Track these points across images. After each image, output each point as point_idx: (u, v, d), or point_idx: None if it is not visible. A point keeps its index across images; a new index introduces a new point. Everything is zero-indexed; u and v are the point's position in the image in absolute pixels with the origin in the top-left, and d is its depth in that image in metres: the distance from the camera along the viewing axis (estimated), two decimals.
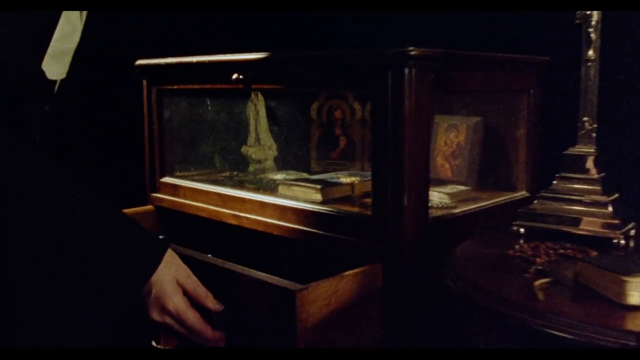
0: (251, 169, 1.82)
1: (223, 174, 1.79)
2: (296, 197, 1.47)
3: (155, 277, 1.07)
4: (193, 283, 1.12)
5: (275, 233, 1.43)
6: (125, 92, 1.78)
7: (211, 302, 1.12)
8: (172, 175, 1.72)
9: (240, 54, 1.43)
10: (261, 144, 1.82)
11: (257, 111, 1.80)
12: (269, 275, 1.16)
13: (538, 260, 0.97)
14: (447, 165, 1.62)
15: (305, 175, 1.69)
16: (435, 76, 1.23)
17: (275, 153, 1.83)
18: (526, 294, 0.85)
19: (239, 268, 1.20)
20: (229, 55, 1.45)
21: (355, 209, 1.39)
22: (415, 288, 1.22)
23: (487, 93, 1.50)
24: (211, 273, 1.19)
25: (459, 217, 1.34)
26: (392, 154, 1.20)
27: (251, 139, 1.82)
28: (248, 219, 1.48)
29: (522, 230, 1.13)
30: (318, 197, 1.44)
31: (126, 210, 1.66)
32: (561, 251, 1.02)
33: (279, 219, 1.42)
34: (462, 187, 1.50)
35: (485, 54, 1.35)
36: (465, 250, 1.09)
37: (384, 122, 1.20)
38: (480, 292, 0.86)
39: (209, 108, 1.75)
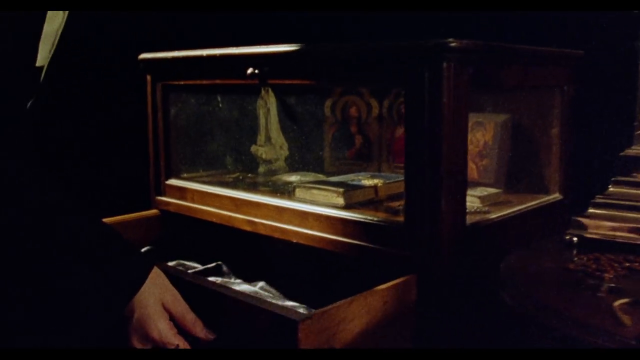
0: (261, 169, 1.71)
1: (232, 176, 1.68)
2: (315, 201, 1.36)
3: (139, 299, 0.97)
4: (181, 307, 1.02)
5: (294, 240, 1.32)
6: (127, 88, 1.67)
7: (201, 330, 1.03)
8: (178, 177, 1.61)
9: (256, 47, 1.32)
10: (272, 143, 1.70)
11: (267, 108, 1.69)
12: (266, 301, 1.05)
13: (606, 275, 0.87)
14: (474, 166, 1.51)
15: (321, 176, 1.59)
16: (473, 71, 1.13)
17: (287, 153, 1.72)
18: (603, 315, 0.75)
19: (231, 291, 1.09)
20: (244, 48, 1.34)
21: (383, 214, 1.28)
22: (454, 302, 1.12)
23: (517, 89, 1.40)
24: (200, 296, 1.08)
25: (495, 223, 1.24)
26: (428, 155, 1.10)
27: (261, 137, 1.71)
28: (264, 225, 1.37)
29: (575, 239, 1.04)
30: (340, 201, 1.33)
31: (129, 215, 1.56)
32: (627, 264, 0.92)
33: (298, 225, 1.32)
34: (493, 190, 1.40)
35: (526, 47, 1.25)
36: (518, 262, 0.99)
37: (419, 121, 1.10)
38: (551, 314, 0.76)
39: (220, 105, 1.63)
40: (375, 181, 1.42)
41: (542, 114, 1.45)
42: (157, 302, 0.99)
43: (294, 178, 1.55)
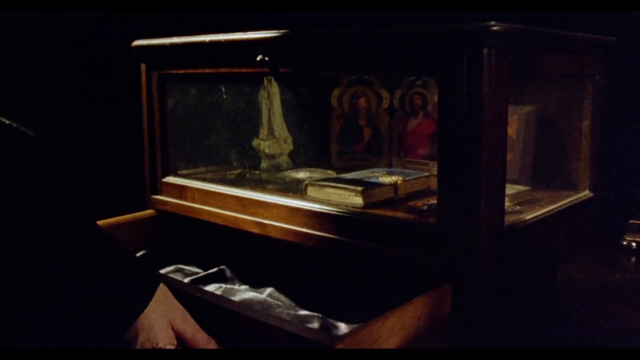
0: (263, 165, 1.60)
1: (234, 172, 1.56)
2: (329, 201, 1.25)
3: (143, 320, 0.86)
4: (191, 328, 0.91)
5: (309, 244, 1.21)
6: (120, 78, 1.54)
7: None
8: (176, 174, 1.49)
9: (266, 32, 1.20)
10: (275, 136, 1.59)
11: (270, 99, 1.57)
12: (288, 322, 0.93)
13: None
14: None
15: (330, 173, 1.47)
16: (513, 58, 1.02)
17: (291, 147, 1.60)
18: None
19: (252, 312, 0.96)
20: (252, 33, 1.22)
21: (407, 215, 1.17)
22: (494, 314, 1.02)
23: (552, 78, 1.30)
24: (215, 316, 0.96)
25: (533, 223, 1.14)
26: (466, 149, 0.99)
27: (263, 131, 1.59)
28: (274, 227, 1.26)
29: (633, 244, 0.93)
30: (358, 200, 1.22)
31: (123, 217, 1.43)
32: None
33: (313, 228, 1.20)
34: (522, 187, 1.30)
35: (564, 33, 1.15)
36: (578, 273, 0.88)
37: (455, 112, 0.99)
38: None
39: (224, 96, 1.51)
40: (394, 178, 1.31)
41: (570, 105, 1.34)
42: (165, 324, 0.88)
43: (302, 175, 1.44)
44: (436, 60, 1.00)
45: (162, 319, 0.87)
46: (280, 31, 1.16)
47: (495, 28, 0.96)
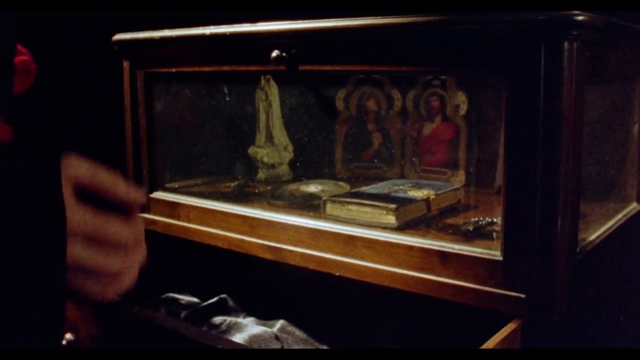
0: (261, 175, 1.41)
1: (231, 184, 1.37)
2: (353, 220, 1.07)
3: None
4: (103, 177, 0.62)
5: (337, 274, 1.03)
6: (100, 77, 1.33)
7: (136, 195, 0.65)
8: (165, 188, 1.29)
9: (285, 22, 1.02)
10: (274, 143, 1.40)
11: (268, 102, 1.39)
12: None
13: None
14: None
15: (343, 185, 1.30)
16: (589, 54, 0.86)
17: (292, 155, 1.42)
18: None
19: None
20: (265, 24, 1.04)
21: (454, 237, 1.01)
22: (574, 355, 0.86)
23: (616, 77, 1.15)
24: None
25: (597, 245, 0.99)
26: (543, 165, 0.83)
27: (261, 137, 1.41)
28: (292, 252, 1.07)
29: None
30: (391, 220, 1.05)
31: None
32: None
33: (341, 254, 1.03)
34: None
35: (635, 26, 1.00)
36: None
37: (529, 118, 0.83)
38: None
39: (227, 98, 1.32)
40: (425, 192, 1.14)
41: (617, 107, 1.20)
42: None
43: (313, 189, 1.26)
44: (505, 56, 0.84)
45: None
46: (306, 22, 0.98)
47: (580, 18, 0.80)
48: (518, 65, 0.83)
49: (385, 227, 1.04)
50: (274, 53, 1.02)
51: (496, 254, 0.88)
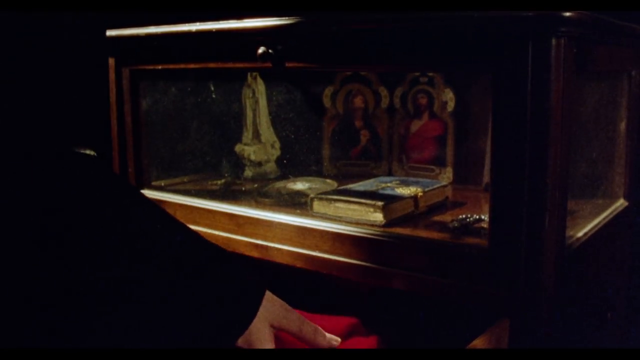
0: (248, 173, 1.40)
1: (217, 182, 1.36)
2: (339, 218, 1.07)
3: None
4: (295, 321, 0.82)
5: (324, 272, 1.02)
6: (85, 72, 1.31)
7: (323, 339, 0.85)
8: (151, 186, 1.28)
9: (270, 19, 1.01)
10: (262, 141, 1.40)
11: (255, 99, 1.38)
12: None
13: None
14: None
15: (330, 182, 1.29)
16: (577, 50, 0.86)
17: (279, 152, 1.42)
18: None
19: None
20: (252, 20, 1.03)
21: (441, 235, 1.00)
22: (563, 356, 0.86)
23: (601, 74, 1.15)
24: None
25: (585, 242, 0.99)
26: (530, 162, 0.83)
27: (248, 134, 1.40)
28: (280, 250, 1.07)
29: None
30: (378, 217, 1.05)
31: None
32: None
33: (329, 251, 1.02)
34: None
35: (622, 23, 1.00)
36: None
37: (518, 114, 0.83)
38: None
39: (213, 95, 1.31)
40: (412, 189, 1.14)
41: (603, 104, 1.20)
42: (266, 327, 0.79)
43: (300, 186, 1.25)
44: (493, 53, 0.83)
45: (262, 323, 0.78)
46: (292, 18, 0.97)
47: (567, 15, 0.80)
48: (506, 62, 0.83)
49: (372, 225, 1.04)
50: (260, 49, 1.01)
51: (483, 251, 0.88)
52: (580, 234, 1.00)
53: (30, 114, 1.12)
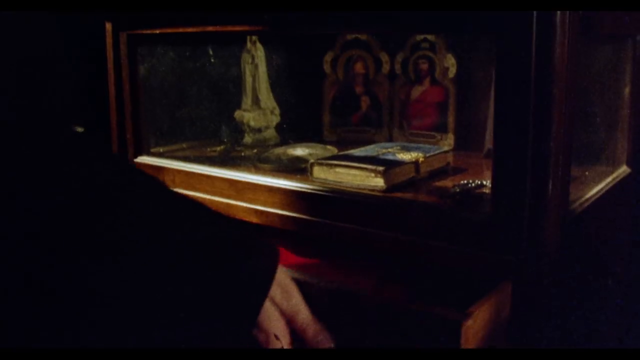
0: (247, 139, 1.39)
1: (216, 149, 1.35)
2: (340, 183, 1.06)
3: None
4: (291, 306, 0.78)
5: (324, 237, 1.02)
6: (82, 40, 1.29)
7: (313, 336, 0.79)
8: (150, 153, 1.27)
9: None
10: (261, 107, 1.38)
11: (255, 65, 1.36)
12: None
13: None
14: None
15: (330, 148, 1.28)
16: (582, 12, 0.85)
17: (279, 119, 1.40)
18: None
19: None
20: None
21: (443, 201, 1.00)
22: (562, 316, 0.86)
23: (609, 38, 1.13)
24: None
25: (587, 209, 0.98)
26: (534, 125, 0.82)
27: (247, 100, 1.39)
28: (279, 215, 1.06)
29: None
30: (379, 182, 1.04)
31: None
32: None
33: (328, 217, 1.01)
34: None
35: None
36: None
37: (521, 78, 0.81)
38: None
39: (212, 60, 1.29)
40: (413, 155, 1.13)
41: (608, 69, 1.19)
42: (276, 311, 0.77)
43: (300, 152, 1.24)
44: (496, 16, 0.82)
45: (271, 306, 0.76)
46: None
47: None
48: (509, 25, 0.81)
49: (373, 190, 1.03)
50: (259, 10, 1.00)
51: (486, 216, 0.87)
52: (582, 200, 0.99)
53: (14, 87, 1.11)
